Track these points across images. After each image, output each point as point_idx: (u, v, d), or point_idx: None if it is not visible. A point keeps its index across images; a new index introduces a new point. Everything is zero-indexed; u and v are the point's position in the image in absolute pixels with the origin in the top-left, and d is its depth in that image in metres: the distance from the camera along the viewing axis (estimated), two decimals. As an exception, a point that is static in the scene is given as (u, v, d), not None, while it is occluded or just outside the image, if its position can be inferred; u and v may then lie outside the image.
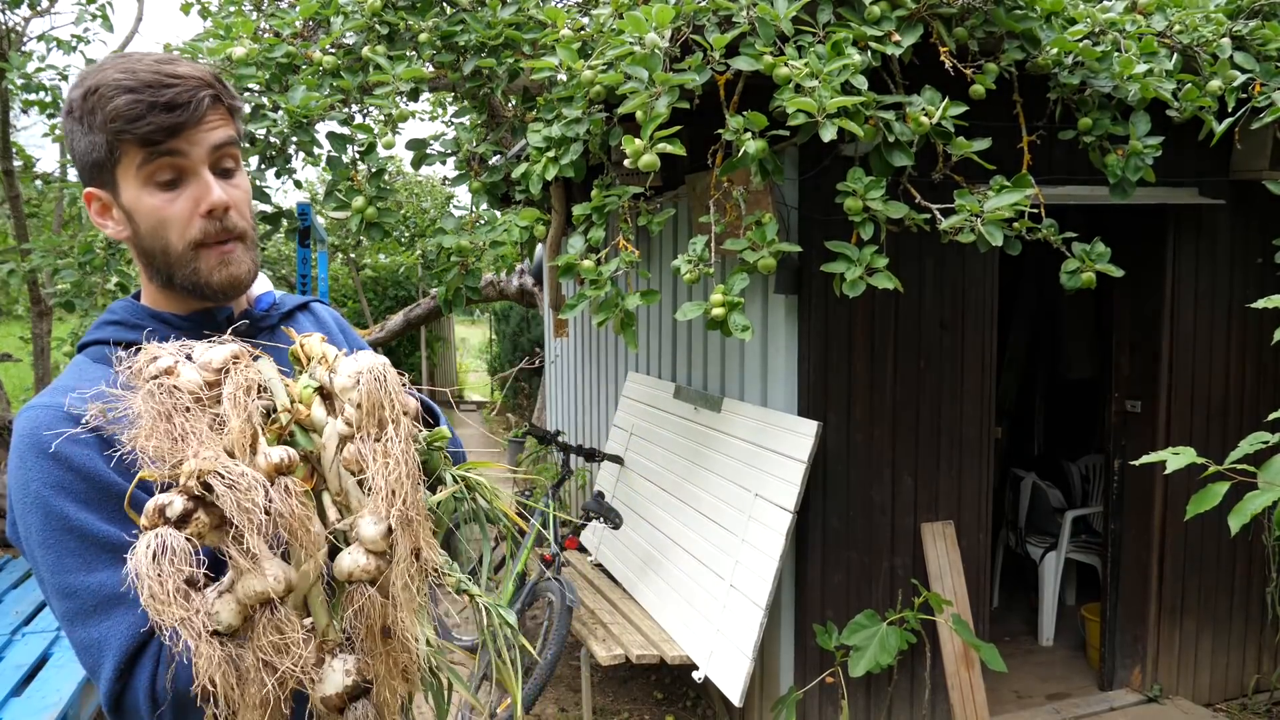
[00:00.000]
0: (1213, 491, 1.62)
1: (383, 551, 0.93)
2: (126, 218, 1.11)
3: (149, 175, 1.07)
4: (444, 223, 3.18)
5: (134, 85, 1.04)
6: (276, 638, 0.87)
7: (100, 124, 1.05)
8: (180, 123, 1.05)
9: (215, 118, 1.09)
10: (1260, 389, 3.79)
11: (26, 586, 4.62)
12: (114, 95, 1.04)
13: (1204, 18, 3.00)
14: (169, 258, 1.11)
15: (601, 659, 3.33)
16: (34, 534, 1.01)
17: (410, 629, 0.93)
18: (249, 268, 1.15)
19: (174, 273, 1.12)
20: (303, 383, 1.00)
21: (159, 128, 1.04)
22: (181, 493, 0.85)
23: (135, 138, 1.05)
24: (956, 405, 3.35)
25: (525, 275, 7.69)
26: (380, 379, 0.95)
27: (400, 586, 0.91)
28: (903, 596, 3.30)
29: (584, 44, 2.96)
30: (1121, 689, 3.86)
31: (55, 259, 3.76)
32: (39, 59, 5.59)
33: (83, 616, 0.99)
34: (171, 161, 1.07)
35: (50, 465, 1.00)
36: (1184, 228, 3.62)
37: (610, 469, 4.46)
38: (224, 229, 1.11)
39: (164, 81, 1.05)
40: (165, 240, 1.10)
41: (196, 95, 1.06)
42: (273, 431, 0.95)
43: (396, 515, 0.92)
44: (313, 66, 3.17)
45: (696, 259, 2.68)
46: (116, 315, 1.17)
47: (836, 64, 2.44)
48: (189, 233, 1.10)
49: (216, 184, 1.10)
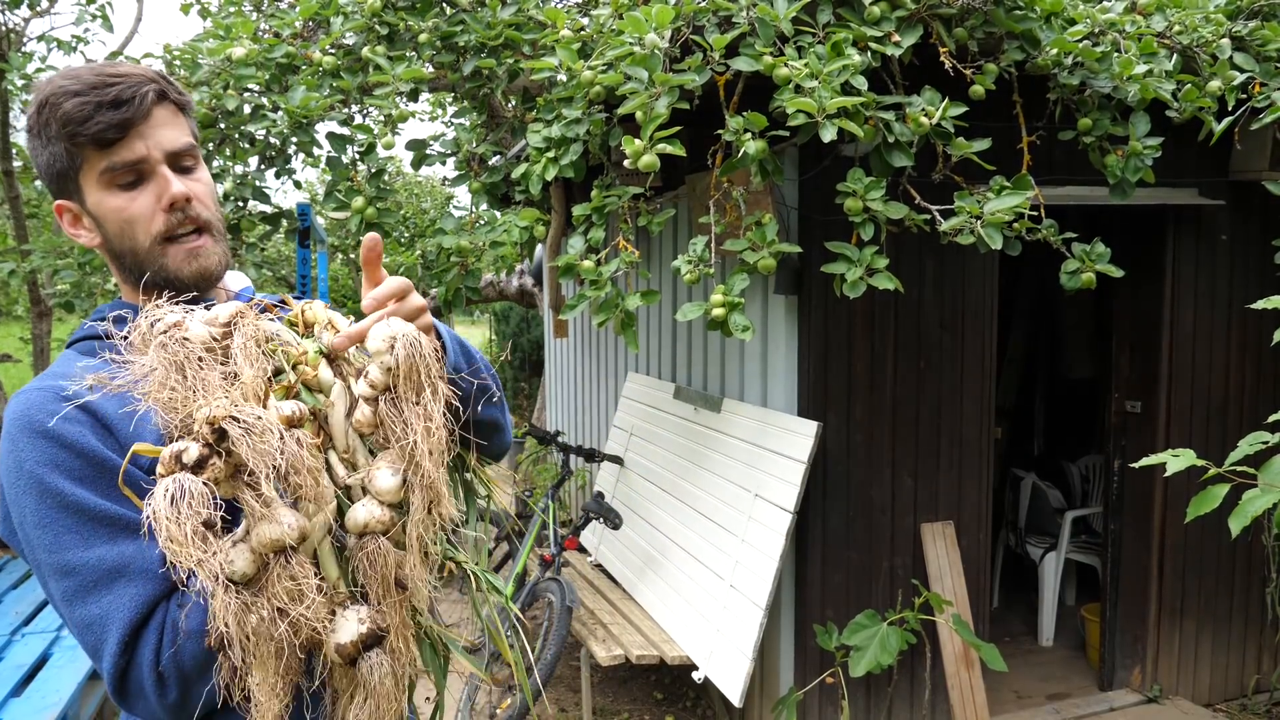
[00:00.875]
0: (1212, 493, 1.62)
1: (397, 504, 0.94)
2: (95, 224, 1.14)
3: (109, 179, 1.10)
4: (444, 223, 3.18)
5: (79, 89, 1.07)
6: (291, 585, 0.87)
7: (56, 133, 1.08)
8: (128, 118, 1.08)
9: (163, 113, 1.12)
10: (1260, 389, 3.79)
11: (26, 586, 4.62)
12: (62, 101, 1.07)
13: (1204, 18, 2.99)
14: (138, 256, 1.13)
15: (601, 659, 3.33)
16: (29, 515, 1.01)
17: (423, 578, 0.94)
18: (218, 259, 1.17)
19: (144, 269, 1.14)
20: (308, 345, 1.02)
21: (109, 125, 1.07)
22: (197, 439, 0.86)
23: (88, 139, 1.07)
24: (956, 405, 3.35)
25: (525, 275, 7.69)
26: (416, 344, 0.97)
27: (415, 537, 0.93)
28: (903, 596, 3.30)
29: (584, 44, 2.96)
30: (1121, 689, 3.86)
31: (55, 259, 3.76)
32: (39, 59, 5.59)
33: (82, 593, 0.98)
34: (127, 162, 1.09)
35: (44, 444, 1.01)
36: (1184, 228, 3.62)
37: (610, 469, 4.46)
38: (187, 219, 1.13)
39: (107, 81, 1.07)
40: (133, 239, 1.12)
41: (140, 90, 1.08)
42: (280, 389, 0.96)
43: (423, 477, 0.94)
44: (313, 67, 3.17)
45: (697, 259, 2.68)
46: (104, 314, 1.19)
47: (836, 64, 2.44)
48: (154, 227, 1.12)
49: (175, 178, 1.12)
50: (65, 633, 3.98)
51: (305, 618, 0.87)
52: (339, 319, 1.06)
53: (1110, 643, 3.89)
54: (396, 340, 0.97)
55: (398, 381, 0.96)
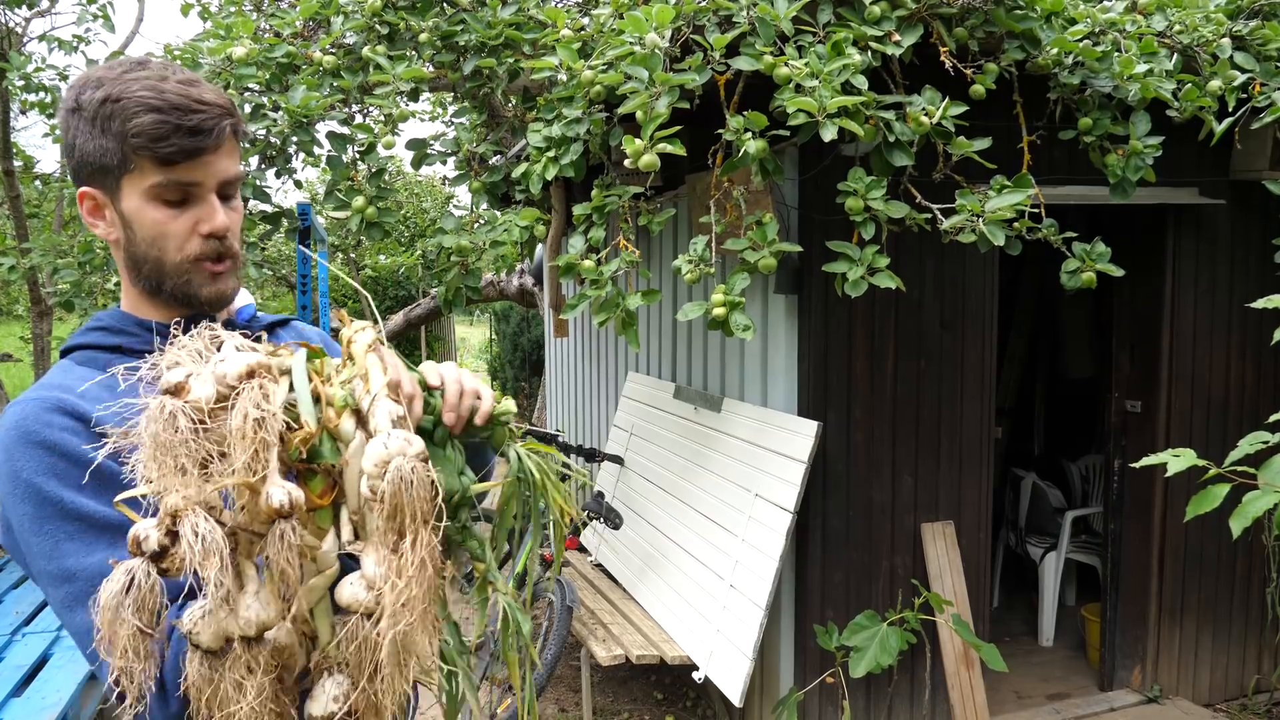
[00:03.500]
0: (1213, 493, 1.62)
1: (381, 593, 0.89)
2: (121, 222, 1.14)
3: (159, 193, 1.10)
4: (444, 223, 3.18)
5: (161, 105, 1.06)
6: (242, 675, 0.85)
7: (118, 133, 1.07)
8: (201, 148, 1.09)
9: (228, 145, 1.13)
10: (1260, 388, 3.79)
11: (27, 586, 4.62)
12: (139, 112, 1.06)
13: (1204, 18, 2.99)
14: (161, 268, 1.14)
15: (601, 659, 3.33)
16: (27, 523, 1.01)
17: (401, 677, 0.89)
18: (234, 285, 1.19)
19: (164, 281, 1.15)
20: (338, 392, 0.94)
21: (181, 150, 1.07)
22: (159, 528, 0.84)
23: (156, 156, 1.07)
24: (956, 405, 3.35)
25: (525, 275, 7.69)
26: (407, 483, 0.86)
27: (387, 655, 0.87)
28: (903, 597, 3.30)
29: (584, 44, 2.96)
30: (1121, 689, 3.86)
31: (55, 259, 3.76)
32: (40, 59, 5.59)
33: (84, 599, 0.97)
34: (185, 181, 1.10)
35: (41, 453, 1.01)
36: (1184, 228, 3.62)
37: (610, 469, 4.46)
38: (220, 250, 1.15)
39: (191, 106, 1.08)
40: (161, 251, 1.13)
41: (220, 124, 1.10)
42: (300, 438, 0.90)
43: (394, 630, 0.86)
44: (313, 66, 3.17)
45: (697, 259, 2.68)
46: (102, 322, 1.19)
47: (837, 64, 2.44)
48: (187, 248, 1.13)
49: (221, 209, 1.14)
50: (66, 633, 3.98)
51: (252, 710, 0.85)
52: (376, 376, 0.97)
53: (1110, 643, 3.89)
54: (389, 467, 0.86)
55: (380, 516, 0.87)
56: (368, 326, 1.01)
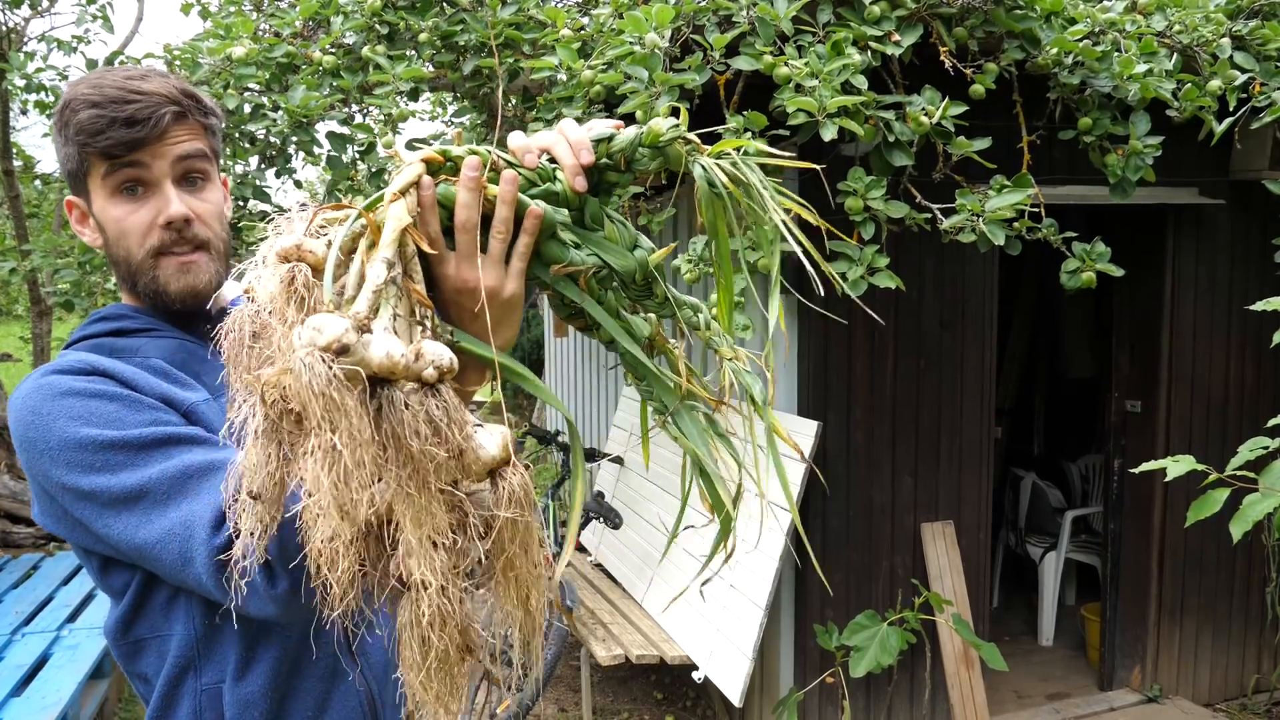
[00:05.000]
0: (1212, 498, 1.62)
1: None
2: (97, 226, 1.15)
3: (113, 187, 1.10)
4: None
5: (98, 100, 1.07)
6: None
7: (71, 136, 1.09)
8: (139, 138, 1.07)
9: (182, 133, 1.11)
10: (1260, 388, 3.79)
11: (26, 586, 4.62)
12: (80, 109, 1.07)
13: (1204, 18, 2.99)
14: (130, 265, 1.13)
15: (601, 659, 3.33)
16: (75, 475, 0.98)
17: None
18: (209, 277, 1.15)
19: (137, 279, 1.14)
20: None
21: (118, 142, 1.07)
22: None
23: (96, 151, 1.08)
24: (956, 405, 3.34)
25: (525, 275, 7.68)
26: (301, 379, 0.70)
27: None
28: (903, 596, 3.30)
29: (584, 44, 2.96)
30: (1121, 689, 3.86)
31: (55, 258, 3.76)
32: (40, 59, 5.59)
33: (158, 507, 0.95)
34: (133, 173, 1.09)
35: (70, 401, 1.00)
36: (1184, 228, 3.62)
37: (610, 469, 4.46)
38: (182, 239, 1.12)
39: (127, 98, 1.07)
40: (127, 249, 1.13)
41: (157, 112, 1.08)
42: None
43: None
44: (313, 66, 3.16)
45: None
46: (103, 314, 1.19)
47: (836, 64, 2.44)
48: (148, 242, 1.12)
49: (177, 197, 1.11)
50: (65, 632, 3.98)
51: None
52: (391, 220, 0.79)
53: (1110, 642, 3.89)
54: (297, 357, 0.70)
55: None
56: (413, 162, 0.82)
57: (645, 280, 0.92)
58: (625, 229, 0.92)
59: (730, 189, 0.88)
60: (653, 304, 0.95)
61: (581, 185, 0.86)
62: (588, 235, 0.89)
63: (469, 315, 0.83)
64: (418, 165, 0.81)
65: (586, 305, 0.89)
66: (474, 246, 0.82)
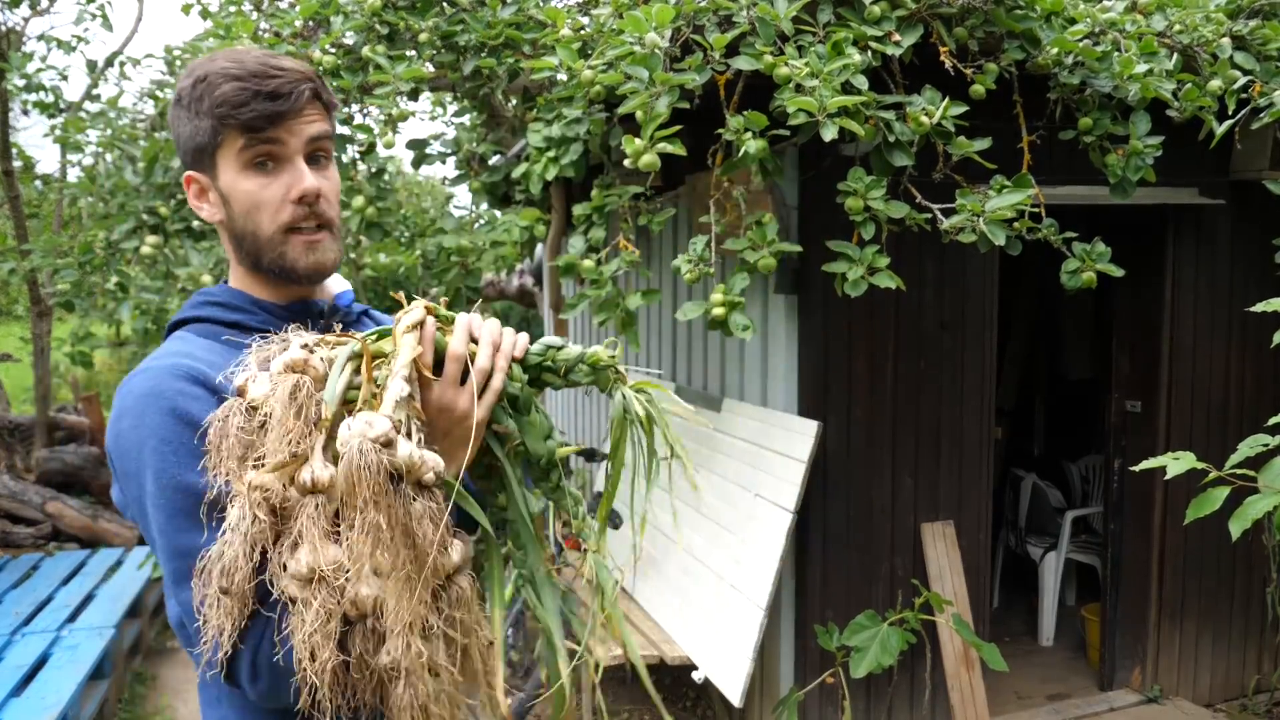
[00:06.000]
0: (1212, 496, 1.61)
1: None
2: (222, 201, 1.17)
3: (247, 160, 1.13)
4: (444, 223, 3.19)
5: (240, 74, 1.11)
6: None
7: (207, 109, 1.11)
8: (281, 111, 1.11)
9: (313, 112, 1.16)
10: (1260, 388, 3.79)
11: (26, 586, 4.63)
12: (221, 82, 1.10)
13: (1204, 18, 2.99)
14: (259, 240, 1.16)
15: (601, 659, 3.32)
16: (148, 487, 1.03)
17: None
18: (334, 256, 1.20)
19: (262, 255, 1.17)
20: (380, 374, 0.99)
21: (260, 115, 1.11)
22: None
23: (238, 123, 1.11)
24: (957, 405, 3.34)
25: (525, 275, 7.69)
26: (356, 464, 0.86)
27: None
28: (903, 597, 3.30)
29: (584, 44, 2.96)
30: (1121, 689, 3.86)
31: (55, 259, 3.76)
32: (39, 59, 5.59)
33: (188, 577, 1.00)
34: (269, 149, 1.13)
35: (169, 421, 1.04)
36: (1184, 228, 3.62)
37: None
38: (313, 214, 1.16)
39: (269, 72, 1.12)
40: (257, 223, 1.15)
41: (298, 88, 1.13)
42: (323, 421, 0.95)
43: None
44: (312, 66, 3.17)
45: (697, 259, 2.68)
46: (218, 297, 1.22)
47: (837, 64, 2.44)
48: (280, 217, 1.15)
49: (310, 172, 1.15)
50: (65, 633, 3.98)
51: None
52: (405, 349, 0.98)
53: (1110, 643, 3.89)
54: (347, 447, 0.85)
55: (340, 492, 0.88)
56: (416, 307, 1.02)
57: (548, 466, 1.11)
58: (545, 420, 1.11)
59: (639, 417, 1.11)
60: (547, 487, 1.14)
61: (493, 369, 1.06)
62: (517, 416, 1.09)
63: (440, 433, 1.01)
64: (421, 310, 1.02)
65: (506, 462, 1.08)
66: (459, 374, 1.02)
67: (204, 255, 3.27)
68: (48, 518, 5.69)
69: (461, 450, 1.01)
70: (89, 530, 5.65)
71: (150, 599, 4.74)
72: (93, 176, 3.85)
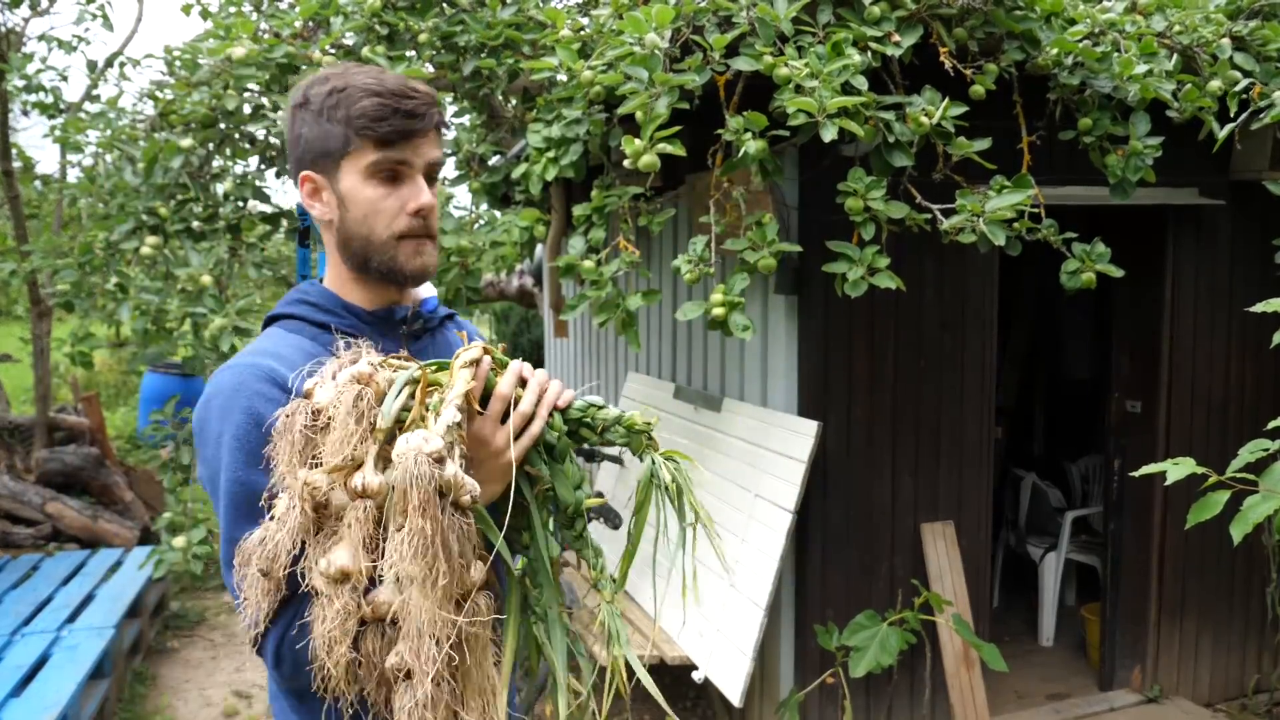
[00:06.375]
0: (1213, 501, 1.61)
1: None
2: (337, 202, 1.25)
3: (374, 170, 1.22)
4: (444, 223, 3.18)
5: (381, 91, 1.20)
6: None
7: (342, 118, 1.20)
8: (414, 130, 1.21)
9: (435, 136, 1.27)
10: (1260, 388, 3.79)
11: (26, 587, 4.62)
12: (361, 96, 1.19)
13: (1204, 18, 2.99)
14: (370, 244, 1.25)
15: (601, 659, 3.32)
16: (219, 480, 1.14)
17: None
18: (435, 262, 1.31)
19: (371, 257, 1.25)
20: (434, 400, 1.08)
21: (396, 130, 1.20)
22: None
23: (375, 136, 1.20)
24: (957, 405, 3.34)
25: (525, 276, 7.69)
26: (410, 474, 0.96)
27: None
28: (903, 596, 3.30)
29: (584, 44, 2.96)
30: (1121, 689, 3.86)
31: (55, 259, 3.75)
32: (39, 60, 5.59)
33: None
34: (397, 163, 1.22)
35: (244, 421, 1.13)
36: (1184, 228, 3.62)
37: (610, 469, 4.46)
38: (424, 227, 1.26)
39: (407, 92, 1.21)
40: (371, 227, 1.24)
41: (430, 111, 1.23)
42: (376, 434, 1.04)
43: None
44: (312, 67, 3.16)
45: (697, 259, 2.68)
46: (311, 297, 1.30)
47: (836, 64, 2.44)
48: (395, 225, 1.24)
49: (427, 189, 1.25)
50: (65, 633, 3.98)
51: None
52: (459, 381, 1.07)
53: (1110, 643, 3.89)
54: (408, 455, 0.96)
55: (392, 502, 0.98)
56: (475, 347, 1.13)
57: (574, 514, 1.21)
58: (579, 472, 1.20)
59: (667, 484, 1.23)
60: (570, 535, 1.23)
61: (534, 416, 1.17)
62: (551, 463, 1.18)
63: (476, 463, 1.11)
64: (479, 349, 1.12)
65: (533, 503, 1.16)
66: (500, 413, 1.13)
67: (204, 256, 3.27)
68: (48, 518, 5.69)
69: (492, 483, 1.12)
70: (89, 530, 5.66)
71: (150, 599, 4.74)
72: (92, 177, 3.84)
